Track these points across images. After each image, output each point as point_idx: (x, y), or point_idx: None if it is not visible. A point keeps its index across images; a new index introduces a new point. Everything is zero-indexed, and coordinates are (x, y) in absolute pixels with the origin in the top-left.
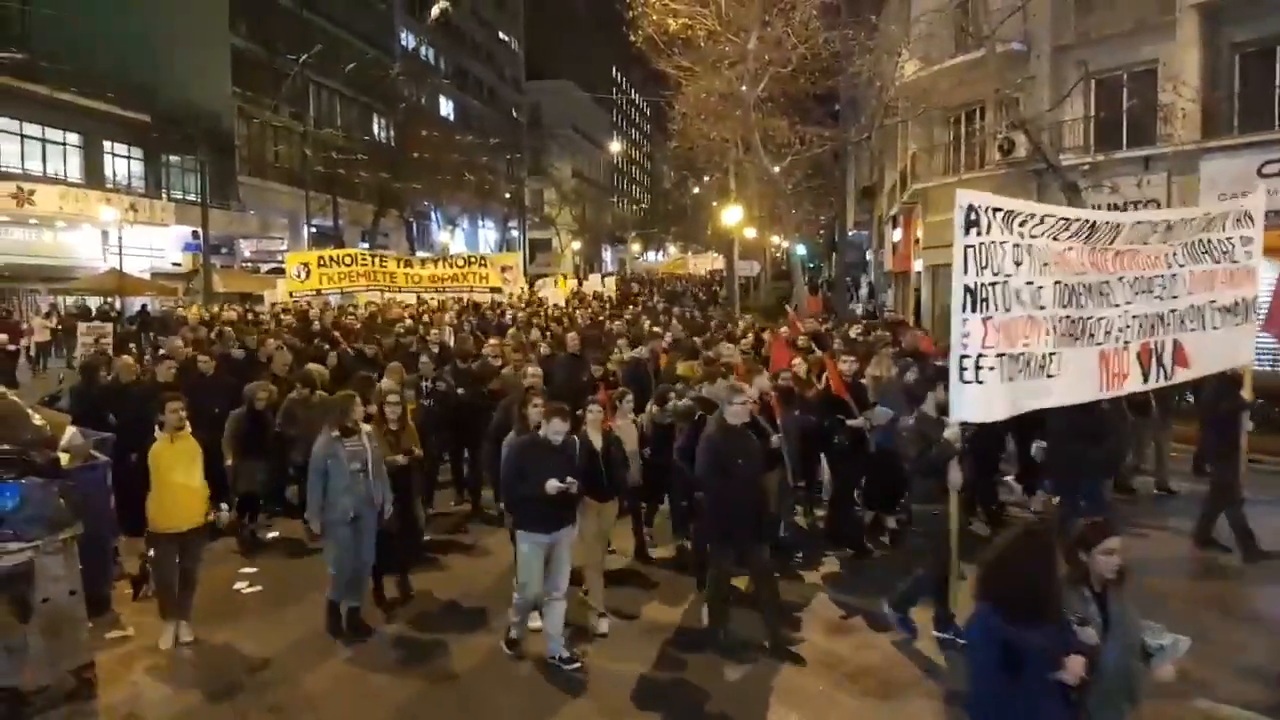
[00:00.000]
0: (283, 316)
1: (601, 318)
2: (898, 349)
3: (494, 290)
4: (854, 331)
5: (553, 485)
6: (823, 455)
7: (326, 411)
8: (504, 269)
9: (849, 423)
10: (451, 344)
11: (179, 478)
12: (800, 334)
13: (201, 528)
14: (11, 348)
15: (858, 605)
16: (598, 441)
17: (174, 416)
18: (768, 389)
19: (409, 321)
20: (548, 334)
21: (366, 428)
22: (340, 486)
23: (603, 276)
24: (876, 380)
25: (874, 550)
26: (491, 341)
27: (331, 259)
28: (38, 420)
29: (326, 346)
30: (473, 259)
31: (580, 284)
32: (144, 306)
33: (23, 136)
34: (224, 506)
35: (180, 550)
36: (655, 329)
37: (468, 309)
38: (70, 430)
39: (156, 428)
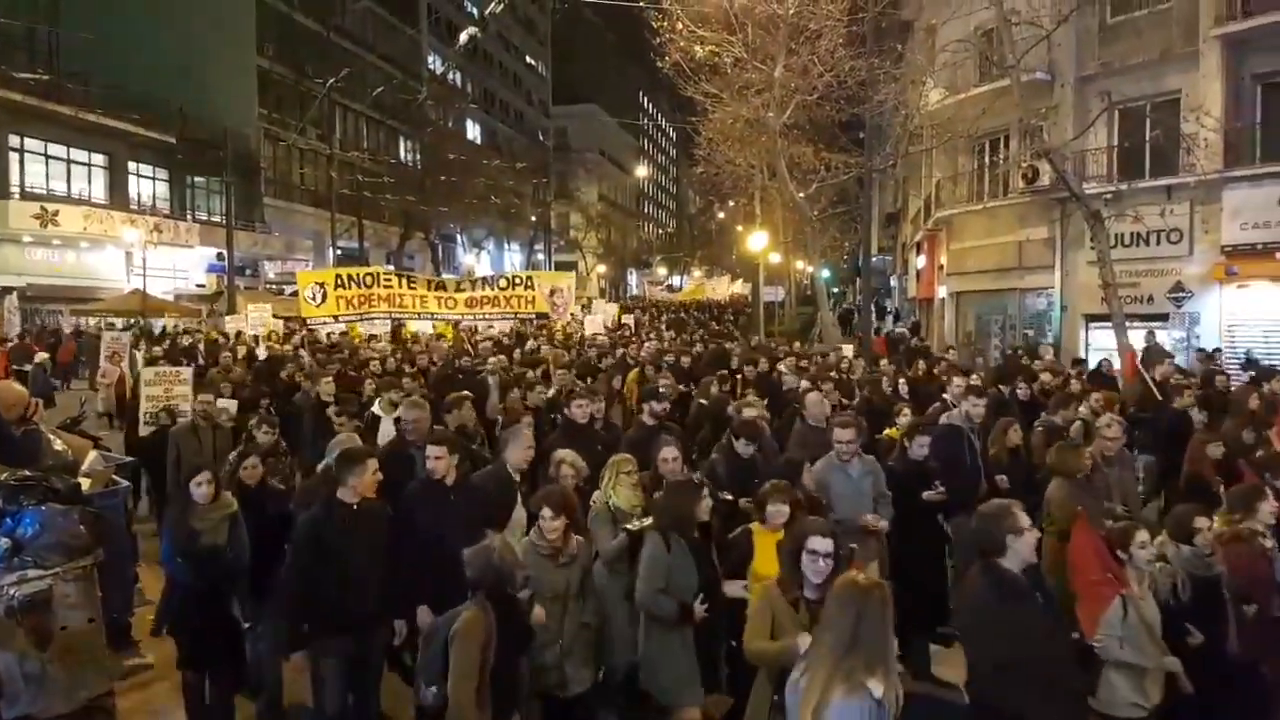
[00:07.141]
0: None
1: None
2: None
3: (540, 317)
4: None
5: None
6: None
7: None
8: (553, 292)
9: None
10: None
11: None
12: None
13: None
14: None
15: None
16: None
17: None
18: None
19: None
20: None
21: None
22: None
23: (619, 304)
24: None
25: None
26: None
27: (350, 278)
28: (58, 445)
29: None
30: (517, 280)
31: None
32: (163, 329)
33: (47, 157)
34: None
35: None
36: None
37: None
38: (92, 454)
39: None
